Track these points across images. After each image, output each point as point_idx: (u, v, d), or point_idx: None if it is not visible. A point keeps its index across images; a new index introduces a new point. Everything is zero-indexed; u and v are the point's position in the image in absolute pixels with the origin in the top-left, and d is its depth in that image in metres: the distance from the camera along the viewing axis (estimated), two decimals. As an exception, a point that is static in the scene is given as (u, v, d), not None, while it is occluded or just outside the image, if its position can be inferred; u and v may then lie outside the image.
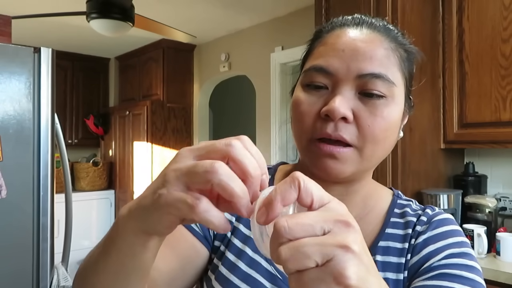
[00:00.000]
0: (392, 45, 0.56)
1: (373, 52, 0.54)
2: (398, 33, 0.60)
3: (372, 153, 0.55)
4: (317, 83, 0.55)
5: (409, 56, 0.59)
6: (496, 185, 2.13)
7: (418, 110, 1.95)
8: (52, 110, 1.72)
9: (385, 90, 0.54)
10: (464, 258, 0.56)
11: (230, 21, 3.54)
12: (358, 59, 0.54)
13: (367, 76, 0.53)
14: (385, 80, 0.54)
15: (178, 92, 4.24)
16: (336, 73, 0.54)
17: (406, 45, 0.59)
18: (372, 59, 0.54)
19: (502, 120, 1.84)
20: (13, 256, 1.61)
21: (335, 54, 0.55)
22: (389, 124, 0.55)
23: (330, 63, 0.54)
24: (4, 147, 1.59)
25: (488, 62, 1.89)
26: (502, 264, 1.73)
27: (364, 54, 0.54)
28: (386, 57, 0.55)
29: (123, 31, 2.48)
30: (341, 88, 0.54)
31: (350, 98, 0.54)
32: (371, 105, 0.54)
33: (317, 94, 0.56)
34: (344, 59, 0.54)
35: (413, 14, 1.93)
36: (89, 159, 4.53)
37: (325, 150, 0.54)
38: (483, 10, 1.91)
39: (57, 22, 3.47)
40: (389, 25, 0.60)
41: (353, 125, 0.54)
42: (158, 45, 4.15)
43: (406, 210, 0.64)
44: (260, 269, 0.60)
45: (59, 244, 1.83)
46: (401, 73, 0.57)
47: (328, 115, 0.53)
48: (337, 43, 0.56)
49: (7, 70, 1.62)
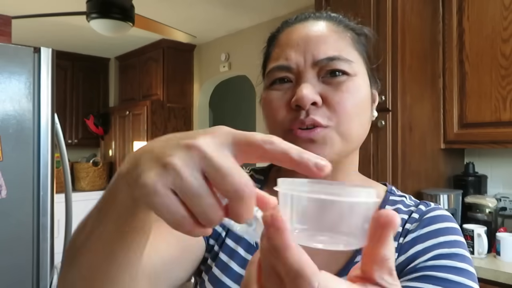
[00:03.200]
0: (340, 28, 0.60)
1: (325, 37, 0.57)
2: (343, 18, 0.63)
3: (348, 129, 0.56)
4: (280, 77, 0.58)
5: (361, 38, 0.62)
6: (496, 185, 2.13)
7: (418, 110, 1.95)
8: (52, 110, 1.72)
9: (345, 68, 0.56)
10: (454, 259, 0.53)
11: (230, 21, 3.54)
12: (312, 47, 0.56)
13: (324, 61, 0.56)
14: (341, 60, 0.56)
15: (178, 92, 4.24)
16: (296, 66, 0.57)
17: (353, 27, 0.62)
18: (326, 44, 0.57)
19: (502, 120, 1.84)
20: (13, 256, 1.61)
21: (291, 49, 0.58)
22: (357, 98, 0.56)
23: (289, 59, 0.57)
24: (4, 147, 1.59)
25: (488, 62, 1.89)
26: (502, 264, 1.73)
27: (317, 42, 0.57)
28: (337, 39, 0.58)
29: (123, 31, 2.48)
30: (304, 77, 0.56)
31: (315, 84, 0.55)
32: (335, 83, 0.56)
33: (282, 88, 0.58)
34: (299, 51, 0.57)
35: (413, 14, 1.93)
36: (89, 159, 4.53)
37: (302, 136, 0.54)
38: (483, 10, 1.91)
39: (57, 22, 3.47)
40: (332, 13, 0.63)
41: (323, 107, 0.55)
42: (158, 45, 4.15)
43: (399, 206, 0.62)
44: None
45: (59, 244, 1.83)
46: (356, 51, 0.59)
47: (298, 105, 0.54)
48: (290, 39, 0.59)
49: (7, 70, 1.62)
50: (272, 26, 0.68)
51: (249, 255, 0.60)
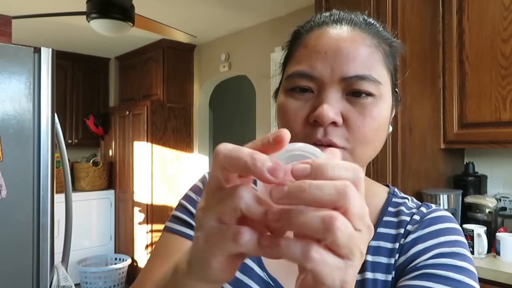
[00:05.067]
0: (374, 41, 0.55)
1: (356, 52, 0.53)
2: (380, 27, 0.58)
3: (363, 153, 0.54)
4: (301, 86, 0.54)
5: (392, 50, 0.58)
6: (496, 185, 2.13)
7: (418, 110, 1.95)
8: (52, 110, 1.72)
9: (372, 89, 0.53)
10: (454, 258, 0.53)
11: (230, 21, 3.54)
12: (342, 60, 0.52)
13: (352, 78, 0.52)
14: (370, 80, 0.52)
15: (178, 92, 4.24)
16: (321, 77, 0.53)
17: (388, 40, 0.58)
18: (356, 60, 0.52)
19: (502, 120, 1.84)
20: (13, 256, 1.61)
21: (318, 57, 0.53)
22: (379, 123, 0.54)
23: (314, 67, 0.53)
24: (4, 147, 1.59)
25: (488, 62, 1.89)
26: (502, 264, 1.73)
27: (347, 55, 0.52)
28: (369, 55, 0.54)
29: (123, 31, 2.48)
30: (327, 92, 0.52)
31: (337, 101, 0.52)
32: (360, 105, 0.53)
33: (303, 98, 0.54)
34: (327, 62, 0.53)
35: (413, 14, 1.93)
36: (89, 159, 4.53)
37: None
38: (483, 10, 1.91)
39: (57, 22, 3.47)
40: (369, 19, 0.58)
41: (343, 128, 0.53)
42: (158, 45, 4.15)
43: (401, 208, 0.62)
44: (253, 276, 0.58)
45: (59, 244, 1.83)
46: (386, 69, 0.56)
47: (317, 121, 0.52)
48: (318, 45, 0.54)
49: (7, 70, 1.62)
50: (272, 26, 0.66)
51: (249, 260, 0.60)
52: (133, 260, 4.16)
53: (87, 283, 3.92)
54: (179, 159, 4.23)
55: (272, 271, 0.59)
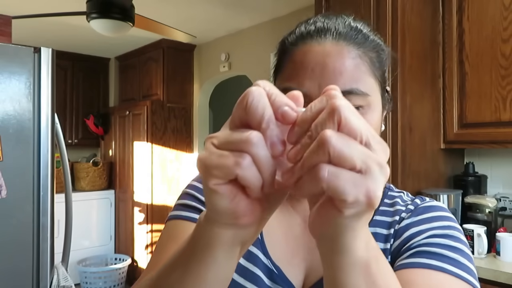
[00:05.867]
0: (359, 52, 0.56)
1: (343, 66, 0.54)
2: (366, 31, 0.59)
3: None
4: None
5: (380, 56, 0.59)
6: (496, 185, 2.13)
7: (418, 110, 1.95)
8: (52, 110, 1.72)
9: (360, 102, 0.54)
10: (448, 239, 0.55)
11: (230, 21, 3.54)
12: (329, 76, 0.53)
13: None
14: (357, 94, 0.54)
15: (178, 92, 4.24)
16: (309, 93, 0.54)
17: (375, 47, 0.58)
18: (343, 74, 0.53)
19: (502, 120, 1.84)
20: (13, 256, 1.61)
21: (305, 74, 0.55)
22: None
23: (302, 84, 0.54)
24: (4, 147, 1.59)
25: (488, 62, 1.89)
26: (502, 264, 1.73)
27: (333, 71, 0.54)
28: (355, 67, 0.54)
29: (123, 31, 2.48)
30: None
31: None
32: None
33: None
34: (314, 78, 0.54)
35: (413, 14, 1.93)
36: (89, 159, 4.53)
37: None
38: (483, 10, 1.91)
39: (57, 22, 3.47)
40: (355, 23, 0.59)
41: None
42: (158, 45, 4.15)
43: (396, 200, 0.64)
44: (258, 263, 0.60)
45: (59, 244, 1.83)
46: (373, 78, 0.57)
47: None
48: (304, 61, 0.55)
49: (7, 70, 1.62)
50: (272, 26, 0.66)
51: (254, 248, 0.60)
52: (133, 260, 4.16)
53: (87, 283, 3.92)
54: (179, 159, 4.23)
55: (276, 259, 0.60)
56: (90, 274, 3.91)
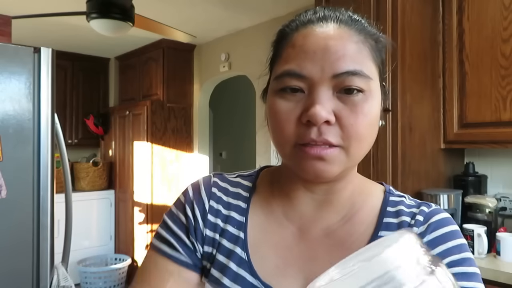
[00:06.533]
0: (361, 37, 0.55)
1: (345, 49, 0.53)
2: (365, 23, 0.58)
3: (358, 150, 0.55)
4: (292, 86, 0.54)
5: (379, 45, 0.58)
6: (496, 185, 2.13)
7: (418, 110, 1.95)
8: (52, 110, 1.72)
9: (362, 84, 0.53)
10: (464, 265, 0.55)
11: (230, 21, 3.54)
12: (330, 58, 0.52)
13: (343, 75, 0.52)
14: (360, 75, 0.53)
15: (178, 92, 4.24)
16: (311, 76, 0.53)
17: (374, 35, 0.58)
18: (345, 57, 0.53)
19: (502, 120, 1.84)
20: (13, 256, 1.61)
21: (307, 57, 0.53)
22: (370, 119, 0.54)
23: (303, 67, 0.53)
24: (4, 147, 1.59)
25: (488, 62, 1.89)
26: (502, 264, 1.73)
27: (336, 53, 0.53)
28: (357, 51, 0.54)
29: (123, 31, 2.48)
30: (319, 90, 0.52)
31: (329, 99, 0.52)
32: (351, 102, 0.53)
33: (293, 99, 0.54)
34: (316, 61, 0.53)
35: (413, 14, 1.93)
36: (89, 159, 4.53)
37: (313, 153, 0.52)
38: (483, 10, 1.91)
39: (57, 22, 3.47)
40: (354, 15, 0.58)
41: (336, 126, 0.53)
42: (158, 45, 4.15)
43: (400, 208, 0.61)
44: (246, 285, 0.58)
45: (59, 244, 1.83)
46: (374, 64, 0.56)
47: (310, 121, 0.52)
48: (306, 44, 0.54)
49: (7, 70, 1.62)
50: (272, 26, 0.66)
51: (241, 270, 0.59)
52: (133, 260, 4.16)
53: (87, 283, 3.92)
54: (179, 159, 4.23)
55: (266, 276, 0.58)
56: (90, 274, 3.91)
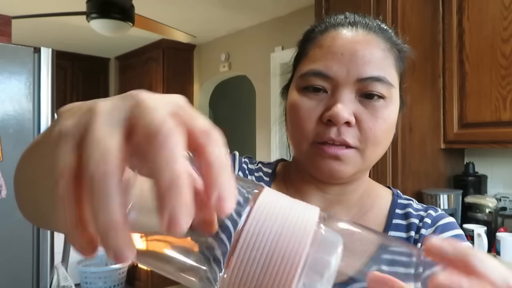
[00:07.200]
0: (387, 46, 0.57)
1: (371, 54, 0.55)
2: (392, 32, 0.61)
3: (373, 154, 0.56)
4: (316, 85, 0.55)
5: (402, 55, 0.60)
6: (496, 185, 2.13)
7: (418, 110, 1.95)
8: (52, 110, 1.72)
9: (384, 91, 0.55)
10: None
11: (230, 21, 3.54)
12: (357, 62, 0.54)
13: (367, 80, 0.54)
14: (384, 82, 0.54)
15: (178, 92, 4.11)
16: (336, 77, 0.54)
17: (399, 45, 0.60)
18: (371, 62, 0.54)
19: (502, 120, 1.84)
20: (13, 256, 1.61)
21: (333, 58, 0.55)
22: (389, 125, 0.56)
23: (329, 67, 0.54)
24: (4, 147, 1.59)
25: (488, 62, 1.89)
26: (502, 264, 1.73)
27: (363, 58, 0.54)
28: (383, 58, 0.56)
29: (123, 31, 2.48)
30: (342, 92, 0.54)
31: (351, 102, 0.54)
32: (372, 107, 0.54)
33: (316, 98, 0.55)
34: (343, 63, 0.54)
35: (413, 14, 1.93)
36: (89, 159, 4.53)
37: (330, 152, 0.54)
38: (483, 10, 1.91)
39: (57, 22, 3.47)
40: (382, 24, 0.60)
41: (355, 128, 0.54)
42: (158, 45, 4.15)
43: (409, 210, 0.62)
44: None
45: (59, 244, 1.83)
46: (397, 73, 0.58)
47: (331, 120, 0.53)
48: (334, 45, 0.56)
49: (7, 70, 1.62)
50: (272, 26, 0.67)
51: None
52: (133, 260, 4.15)
53: (87, 283, 3.92)
54: (179, 159, 4.23)
55: None
56: (90, 274, 3.90)
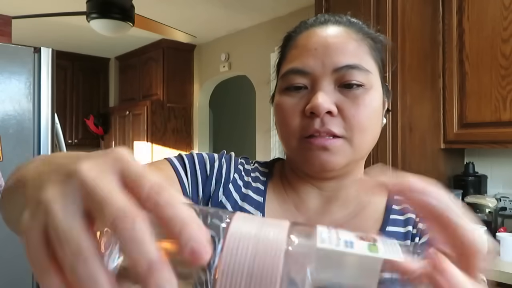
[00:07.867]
0: (359, 36, 0.59)
1: (344, 45, 0.57)
2: (363, 24, 0.62)
3: (361, 142, 0.57)
4: (296, 84, 0.57)
5: (377, 45, 0.61)
6: (496, 185, 2.13)
7: (418, 110, 1.95)
8: (52, 110, 1.72)
9: (362, 78, 0.56)
10: None
11: (230, 21, 3.54)
12: (331, 54, 0.56)
13: (343, 69, 0.55)
14: (360, 69, 0.55)
15: (178, 92, 4.24)
16: (313, 71, 0.56)
17: (372, 34, 0.61)
18: (345, 52, 0.56)
19: (502, 120, 1.84)
20: (13, 257, 1.61)
21: (309, 54, 0.57)
22: (371, 111, 0.57)
23: (306, 63, 0.56)
24: (4, 147, 1.59)
25: (488, 62, 1.89)
26: (502, 264, 1.73)
27: (336, 49, 0.56)
28: (356, 47, 0.57)
29: (123, 31, 2.48)
30: (321, 85, 0.55)
31: (331, 93, 0.55)
32: (352, 95, 0.55)
33: (297, 95, 0.57)
34: (318, 57, 0.56)
35: (413, 14, 1.93)
36: (89, 159, 4.53)
37: (317, 143, 0.54)
38: (483, 10, 1.91)
39: (57, 22, 3.47)
40: (352, 18, 0.62)
41: (339, 118, 0.55)
42: (158, 45, 4.15)
43: (405, 206, 0.62)
44: None
45: (59, 244, 1.83)
46: (373, 60, 0.59)
47: (313, 112, 0.54)
48: (308, 43, 0.58)
49: (7, 70, 1.62)
50: (272, 26, 0.68)
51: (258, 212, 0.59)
52: (133, 260, 4.16)
53: (87, 283, 3.92)
54: (179, 159, 4.23)
55: None
56: (90, 274, 3.91)
